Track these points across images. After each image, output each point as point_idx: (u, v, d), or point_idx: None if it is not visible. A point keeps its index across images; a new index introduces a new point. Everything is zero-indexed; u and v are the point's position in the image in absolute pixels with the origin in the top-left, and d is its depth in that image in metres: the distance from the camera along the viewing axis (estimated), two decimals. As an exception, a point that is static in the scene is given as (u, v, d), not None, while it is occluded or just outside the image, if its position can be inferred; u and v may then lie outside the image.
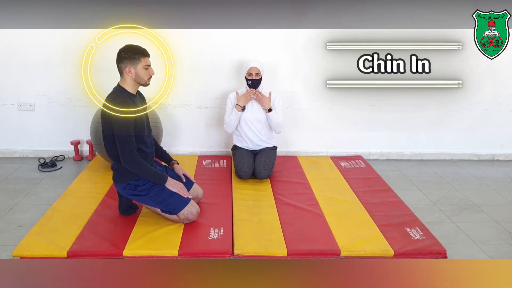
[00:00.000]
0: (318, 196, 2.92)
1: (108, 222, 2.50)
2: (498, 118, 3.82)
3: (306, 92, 3.66)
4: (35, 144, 3.67)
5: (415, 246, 2.32)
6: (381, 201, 2.89)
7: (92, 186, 2.99)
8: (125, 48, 2.33)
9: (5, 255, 2.21)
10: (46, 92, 3.54)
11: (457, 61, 3.58)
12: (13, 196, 2.90)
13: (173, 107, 3.64)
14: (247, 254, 2.24)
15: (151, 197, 2.41)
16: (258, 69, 3.13)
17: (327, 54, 3.55)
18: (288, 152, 3.80)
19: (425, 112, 3.76)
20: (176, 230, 2.41)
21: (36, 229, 2.39)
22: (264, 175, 3.11)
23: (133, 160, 2.31)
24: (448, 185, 3.30)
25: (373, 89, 3.67)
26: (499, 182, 3.38)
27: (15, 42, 3.40)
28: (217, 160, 3.63)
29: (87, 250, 2.22)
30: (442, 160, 3.89)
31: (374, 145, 3.86)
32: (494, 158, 3.93)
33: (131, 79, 2.34)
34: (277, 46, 3.53)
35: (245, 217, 2.60)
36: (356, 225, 2.55)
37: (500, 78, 3.69)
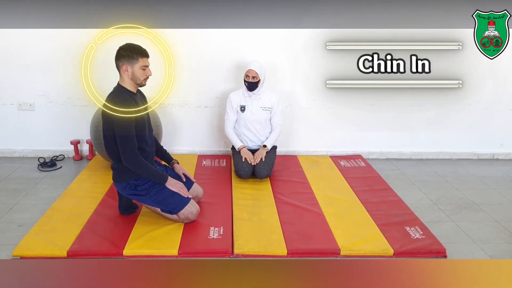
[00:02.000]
0: (318, 196, 2.92)
1: (108, 221, 2.50)
2: (497, 118, 3.82)
3: (306, 91, 3.66)
4: (35, 143, 3.67)
5: (414, 245, 2.32)
6: (381, 200, 2.89)
7: (92, 185, 3.00)
8: (125, 47, 2.32)
9: (5, 254, 2.21)
10: (45, 91, 3.54)
11: (457, 61, 3.58)
12: (13, 195, 2.90)
13: (173, 106, 3.64)
14: (247, 254, 2.24)
15: (151, 197, 2.41)
16: (256, 73, 3.12)
17: (327, 54, 3.55)
18: (288, 151, 3.80)
19: (425, 111, 3.77)
20: (176, 229, 2.41)
21: (36, 228, 2.39)
22: (264, 174, 3.11)
23: (134, 159, 2.31)
24: (448, 184, 3.30)
25: (373, 89, 3.67)
26: (498, 181, 3.38)
27: (15, 42, 3.40)
28: (217, 159, 3.64)
29: (87, 250, 2.22)
30: (442, 159, 3.89)
31: (373, 145, 3.86)
32: (494, 157, 3.93)
33: (128, 78, 2.34)
34: (277, 46, 3.53)
35: (245, 216, 2.60)
36: (356, 224, 2.55)
37: (500, 78, 3.69)
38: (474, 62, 3.56)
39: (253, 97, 3.24)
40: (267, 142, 3.26)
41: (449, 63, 3.59)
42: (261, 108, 3.25)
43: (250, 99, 3.25)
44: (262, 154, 3.17)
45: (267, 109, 3.26)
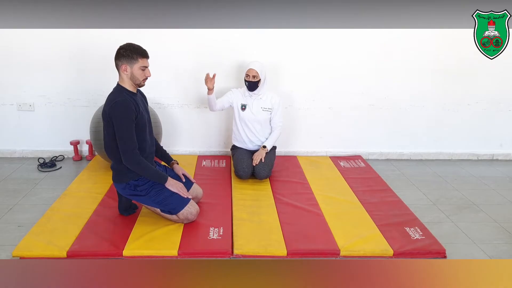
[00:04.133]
0: (318, 196, 2.92)
1: (108, 222, 2.50)
2: (497, 118, 3.82)
3: (306, 92, 3.66)
4: (34, 144, 3.67)
5: (414, 246, 2.32)
6: (381, 200, 2.89)
7: (91, 186, 2.99)
8: (125, 46, 2.32)
9: (5, 255, 2.21)
10: (45, 92, 3.53)
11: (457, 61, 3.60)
12: (13, 196, 2.90)
13: (173, 107, 3.64)
14: (246, 254, 2.24)
15: (150, 197, 2.41)
16: (256, 72, 3.12)
17: (327, 54, 3.55)
18: (287, 152, 3.80)
19: (424, 112, 3.77)
20: (176, 230, 2.41)
21: (35, 229, 2.39)
22: (264, 175, 3.11)
23: (135, 159, 2.31)
24: (448, 185, 3.30)
25: (373, 89, 3.67)
26: (498, 182, 3.38)
27: (15, 42, 3.40)
28: (216, 160, 3.64)
29: (87, 250, 2.22)
30: (442, 160, 3.89)
31: (373, 145, 3.87)
32: (493, 158, 3.94)
33: (127, 78, 2.34)
34: (277, 46, 3.53)
35: (244, 217, 2.60)
36: (356, 224, 2.55)
37: (499, 78, 3.70)
38: (474, 63, 3.56)
39: (254, 97, 3.25)
40: (267, 143, 3.26)
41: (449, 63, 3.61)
42: (261, 109, 3.25)
43: (251, 99, 3.25)
44: (262, 154, 3.17)
45: (267, 110, 3.26)
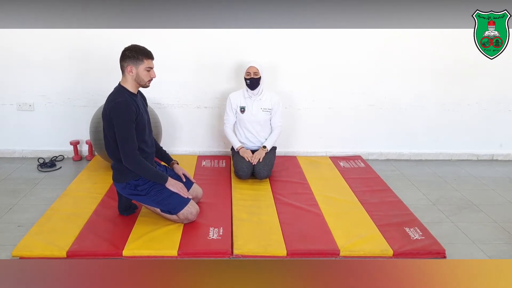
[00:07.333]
0: (318, 196, 2.92)
1: (108, 222, 2.50)
2: (497, 118, 3.82)
3: (306, 92, 3.66)
4: (34, 144, 3.67)
5: (414, 246, 2.32)
6: (380, 201, 2.89)
7: (91, 186, 3.00)
8: (130, 47, 2.33)
9: (5, 255, 2.21)
10: (45, 92, 3.53)
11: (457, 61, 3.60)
12: (13, 196, 2.90)
13: (173, 107, 3.64)
14: (246, 254, 2.24)
15: (150, 197, 2.42)
16: (257, 68, 3.13)
17: (327, 54, 3.55)
18: (287, 152, 3.80)
19: (424, 112, 3.77)
20: (176, 230, 2.41)
21: (35, 229, 2.39)
22: (264, 175, 3.11)
23: (135, 159, 2.31)
24: (447, 185, 3.30)
25: (372, 88, 3.67)
26: (498, 182, 3.38)
27: (15, 42, 3.40)
28: (216, 160, 3.64)
29: (87, 250, 2.22)
30: (441, 160, 3.89)
31: (373, 145, 3.87)
32: (493, 158, 3.94)
33: (132, 79, 2.34)
34: (277, 46, 3.53)
35: (244, 217, 2.60)
36: (355, 225, 2.55)
37: (499, 78, 3.70)
38: (474, 62, 3.56)
39: (253, 98, 3.25)
40: (267, 143, 3.26)
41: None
42: (261, 109, 3.25)
43: (250, 100, 3.25)
44: (261, 154, 3.17)
45: (267, 110, 3.26)
